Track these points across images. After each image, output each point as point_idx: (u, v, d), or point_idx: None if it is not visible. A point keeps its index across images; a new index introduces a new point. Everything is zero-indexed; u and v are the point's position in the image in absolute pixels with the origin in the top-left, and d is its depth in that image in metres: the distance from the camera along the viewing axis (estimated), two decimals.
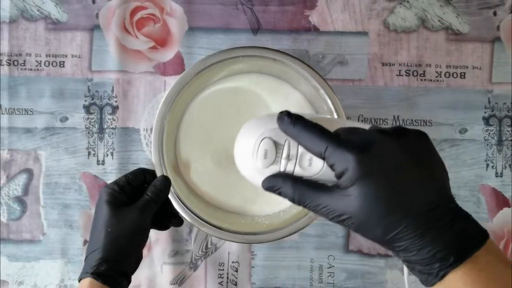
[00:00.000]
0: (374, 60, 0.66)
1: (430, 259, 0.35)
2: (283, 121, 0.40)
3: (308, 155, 0.40)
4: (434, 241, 0.35)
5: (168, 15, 0.66)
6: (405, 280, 0.44)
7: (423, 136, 0.39)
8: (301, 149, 0.41)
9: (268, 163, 0.42)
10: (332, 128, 0.39)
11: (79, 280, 0.51)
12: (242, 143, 0.45)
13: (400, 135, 0.38)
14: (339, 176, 0.37)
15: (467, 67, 0.66)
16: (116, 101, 0.66)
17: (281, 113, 0.41)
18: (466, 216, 0.37)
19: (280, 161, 0.41)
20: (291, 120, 0.40)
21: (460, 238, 0.35)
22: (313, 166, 0.41)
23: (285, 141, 0.41)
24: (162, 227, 0.60)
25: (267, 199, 0.59)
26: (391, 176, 0.36)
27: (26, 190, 0.66)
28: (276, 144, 0.42)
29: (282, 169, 0.41)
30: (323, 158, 0.38)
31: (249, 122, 0.45)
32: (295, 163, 0.41)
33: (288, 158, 0.41)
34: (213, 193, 0.61)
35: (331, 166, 0.38)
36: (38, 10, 0.66)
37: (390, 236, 0.36)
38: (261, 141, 0.42)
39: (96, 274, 0.50)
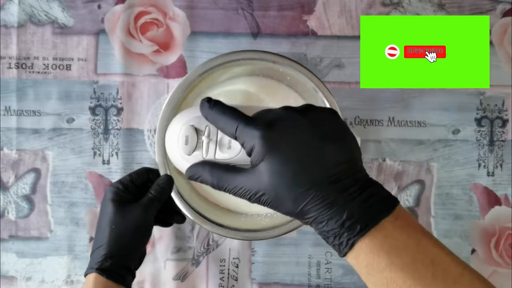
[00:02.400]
0: None
1: (339, 228, 0.35)
2: (203, 106, 0.41)
3: (227, 139, 0.41)
4: (341, 211, 0.35)
5: (171, 20, 0.66)
6: None
7: (330, 111, 0.39)
8: (220, 133, 0.41)
9: (189, 149, 0.42)
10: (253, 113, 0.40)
11: (85, 275, 0.52)
12: (168, 132, 0.45)
13: (307, 111, 0.38)
14: (249, 153, 0.38)
15: None
16: (120, 103, 0.66)
17: (203, 99, 0.41)
18: (375, 185, 0.37)
19: (202, 146, 0.42)
20: (209, 105, 0.41)
21: (366, 206, 0.35)
22: (232, 149, 0.41)
23: (206, 126, 0.42)
24: (165, 224, 0.60)
25: None
26: (296, 149, 0.36)
27: (34, 188, 0.66)
28: (198, 131, 0.42)
29: (204, 154, 0.42)
30: (235, 138, 0.39)
31: (178, 114, 0.46)
32: (216, 147, 0.42)
33: (209, 142, 0.42)
34: (213, 192, 0.61)
35: (242, 145, 0.38)
36: (45, 15, 0.66)
37: (300, 208, 0.36)
38: (183, 128, 0.43)
39: (101, 270, 0.50)
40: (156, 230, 0.65)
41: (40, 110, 0.66)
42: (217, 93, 0.61)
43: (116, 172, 0.66)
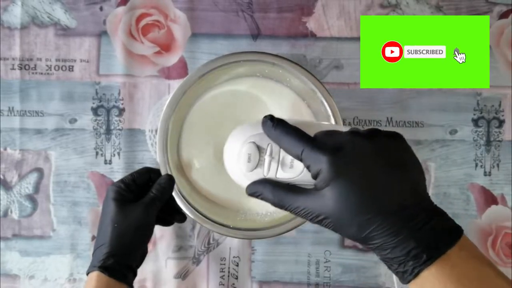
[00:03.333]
0: None
1: (404, 257, 0.35)
2: (266, 124, 0.41)
3: (289, 157, 0.40)
4: (407, 240, 0.35)
5: (172, 22, 0.66)
6: (394, 281, 0.44)
7: (397, 137, 0.39)
8: (282, 152, 0.41)
9: (251, 166, 0.42)
10: (312, 131, 0.39)
11: (87, 273, 0.52)
12: (229, 148, 0.45)
13: (373, 136, 0.38)
14: (314, 177, 0.37)
15: None
16: (122, 104, 0.66)
17: (265, 117, 0.41)
18: (440, 215, 0.36)
19: (264, 164, 0.41)
20: (273, 124, 0.40)
21: (433, 236, 0.35)
22: (294, 169, 0.40)
23: (268, 145, 0.41)
24: (166, 223, 0.60)
25: None
26: (363, 176, 0.36)
27: (37, 188, 0.66)
28: (260, 149, 0.42)
29: (265, 171, 0.41)
30: (301, 160, 0.38)
31: (236, 128, 0.45)
32: (277, 166, 0.41)
33: (271, 160, 0.41)
34: (214, 191, 0.61)
35: (308, 168, 0.38)
36: (48, 17, 0.66)
37: (364, 234, 0.36)
38: (245, 145, 0.42)
39: (103, 268, 0.50)
40: (157, 229, 0.65)
41: (43, 111, 0.66)
42: (218, 94, 0.61)
43: (118, 172, 0.66)
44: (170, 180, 0.55)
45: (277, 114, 0.60)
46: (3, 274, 0.66)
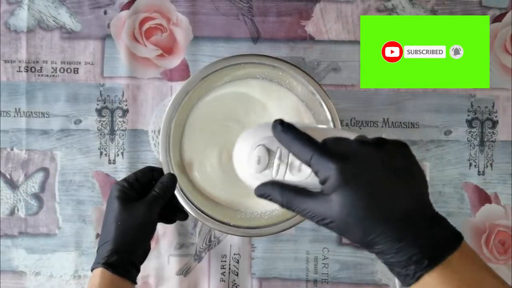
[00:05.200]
0: None
1: (406, 261, 0.35)
2: (276, 129, 0.41)
3: (298, 162, 0.40)
4: (410, 246, 0.35)
5: (174, 25, 0.66)
6: (396, 284, 0.44)
7: (403, 146, 0.39)
8: (291, 156, 0.41)
9: (261, 168, 0.42)
10: (320, 137, 0.39)
11: (92, 269, 0.52)
12: (239, 150, 0.45)
13: (380, 145, 0.38)
14: (322, 182, 0.38)
15: None
16: (126, 105, 0.66)
17: (276, 121, 0.41)
18: (442, 222, 0.37)
19: (273, 167, 0.42)
20: (283, 128, 0.40)
21: (434, 242, 0.35)
22: (302, 172, 0.41)
23: (277, 148, 0.41)
24: (168, 220, 0.60)
25: None
26: (369, 184, 0.36)
27: (42, 187, 0.66)
28: (269, 151, 0.42)
29: (274, 174, 0.42)
30: (309, 165, 0.38)
31: (246, 130, 0.45)
32: (286, 169, 0.41)
33: (280, 163, 0.41)
34: (214, 190, 0.61)
35: (316, 173, 0.38)
36: (53, 21, 0.66)
37: (368, 239, 0.36)
38: (255, 148, 0.42)
39: (107, 264, 0.50)
40: (160, 227, 0.65)
41: (49, 112, 0.66)
42: (219, 95, 0.61)
43: (121, 172, 0.66)
44: (172, 178, 0.55)
45: (276, 115, 0.60)
46: (10, 270, 0.66)
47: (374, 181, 0.36)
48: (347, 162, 0.37)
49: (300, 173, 0.41)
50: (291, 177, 0.41)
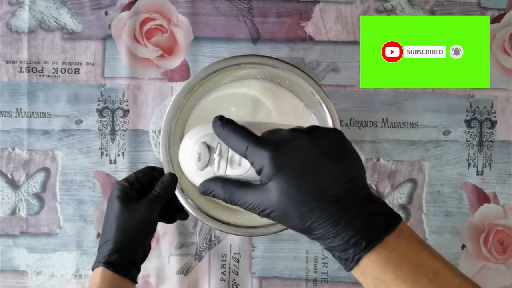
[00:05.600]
0: None
1: (345, 245, 0.36)
2: (215, 124, 0.41)
3: (238, 156, 0.41)
4: (346, 229, 0.35)
5: (175, 26, 0.66)
6: None
7: (335, 132, 0.40)
8: (231, 151, 0.41)
9: (202, 165, 0.43)
10: (261, 131, 0.40)
11: (92, 269, 0.52)
12: (182, 148, 0.46)
13: (313, 132, 0.39)
14: (258, 172, 0.38)
15: None
16: (127, 105, 0.66)
17: (216, 117, 0.41)
18: (378, 203, 0.37)
19: (214, 163, 0.42)
20: (221, 123, 0.40)
21: (370, 224, 0.36)
22: (242, 166, 0.41)
23: (218, 144, 0.42)
24: (169, 220, 0.60)
25: None
26: (302, 170, 0.36)
27: (44, 187, 0.66)
28: (210, 148, 0.42)
29: (216, 170, 0.42)
30: (246, 157, 0.39)
31: (191, 129, 0.46)
32: (226, 164, 0.42)
33: (220, 159, 0.42)
34: None
35: (252, 164, 0.38)
36: (55, 21, 0.66)
37: (307, 225, 0.36)
38: (196, 145, 0.43)
39: (108, 264, 0.50)
40: (160, 226, 0.65)
41: (50, 112, 0.66)
42: (219, 96, 0.61)
43: (122, 171, 0.66)
44: (173, 178, 0.55)
45: (276, 115, 0.60)
46: (11, 270, 0.66)
47: (306, 166, 0.37)
48: (278, 149, 0.37)
49: (240, 167, 0.41)
50: (232, 172, 0.42)
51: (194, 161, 0.43)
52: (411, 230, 0.37)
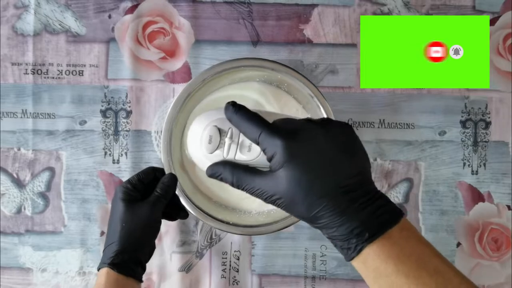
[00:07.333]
0: None
1: (348, 235, 0.36)
2: (228, 110, 0.41)
3: (248, 142, 0.41)
4: (351, 219, 0.36)
5: (176, 29, 0.67)
6: None
7: (346, 126, 0.40)
8: (242, 136, 0.41)
9: (212, 148, 0.42)
10: (272, 119, 0.40)
11: (98, 269, 0.52)
12: (192, 131, 0.45)
13: (325, 124, 0.39)
14: (270, 159, 0.38)
15: None
16: (129, 106, 0.67)
17: (228, 102, 0.41)
18: (383, 198, 0.37)
19: (224, 146, 0.42)
20: (234, 109, 0.41)
21: (375, 216, 0.36)
22: (252, 152, 0.41)
23: (229, 128, 0.42)
24: (171, 218, 0.60)
25: None
26: (313, 160, 0.37)
27: (48, 186, 0.67)
28: (221, 131, 0.42)
29: (225, 153, 0.42)
30: (258, 143, 0.39)
31: (201, 114, 0.46)
32: (237, 148, 0.42)
33: (230, 143, 0.41)
34: (214, 190, 0.61)
35: (264, 151, 0.38)
36: (59, 25, 0.67)
37: (312, 214, 0.37)
38: (207, 128, 0.43)
39: (113, 264, 0.50)
40: (163, 225, 0.65)
41: (55, 113, 0.67)
42: (219, 97, 0.61)
43: (125, 171, 0.66)
44: (173, 178, 0.55)
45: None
46: (17, 267, 0.66)
47: (318, 157, 0.37)
48: (292, 138, 0.37)
49: (250, 152, 0.41)
50: (241, 157, 0.42)
51: (205, 144, 0.43)
52: (413, 227, 0.38)
